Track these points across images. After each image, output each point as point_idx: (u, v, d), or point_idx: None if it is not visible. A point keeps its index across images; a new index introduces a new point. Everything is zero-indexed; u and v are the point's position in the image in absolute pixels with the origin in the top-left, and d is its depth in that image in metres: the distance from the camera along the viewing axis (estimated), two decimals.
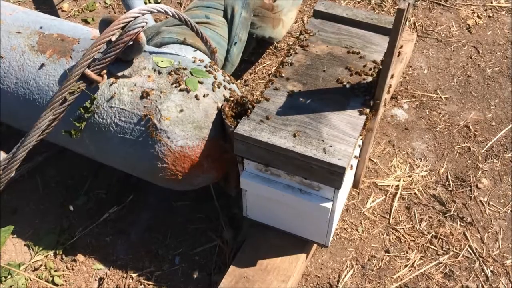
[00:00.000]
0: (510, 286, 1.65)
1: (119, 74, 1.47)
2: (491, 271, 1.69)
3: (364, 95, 1.44)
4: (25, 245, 1.79)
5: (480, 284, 1.66)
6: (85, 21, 2.66)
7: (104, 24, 1.40)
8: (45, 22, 1.67)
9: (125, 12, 2.57)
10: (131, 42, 1.39)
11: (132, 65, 1.48)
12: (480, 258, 1.72)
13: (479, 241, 1.77)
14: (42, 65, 1.54)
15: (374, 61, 1.54)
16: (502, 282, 1.66)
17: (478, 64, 2.37)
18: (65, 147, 1.69)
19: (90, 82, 1.40)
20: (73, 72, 1.36)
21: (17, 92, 1.57)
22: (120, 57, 1.43)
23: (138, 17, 1.37)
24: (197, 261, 1.74)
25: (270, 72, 2.35)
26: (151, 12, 1.42)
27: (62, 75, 1.52)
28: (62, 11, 2.74)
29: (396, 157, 2.02)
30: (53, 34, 1.61)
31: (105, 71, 1.43)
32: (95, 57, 1.39)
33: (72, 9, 2.73)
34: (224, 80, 1.55)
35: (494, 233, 1.78)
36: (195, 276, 1.69)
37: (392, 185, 1.92)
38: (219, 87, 1.51)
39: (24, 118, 1.61)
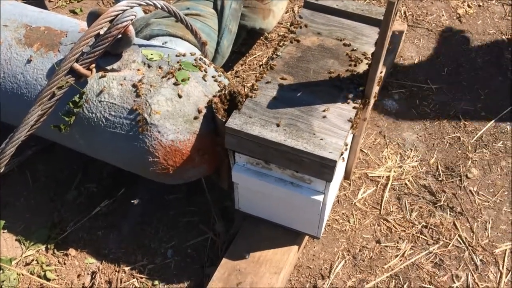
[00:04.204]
0: (499, 275, 1.68)
1: (108, 67, 1.45)
2: (481, 260, 1.71)
3: (355, 87, 1.44)
4: (16, 240, 1.78)
5: (470, 273, 1.68)
6: (73, 12, 2.62)
7: (92, 17, 1.38)
8: (32, 14, 1.64)
9: (113, 3, 2.54)
10: (120, 36, 1.37)
11: (121, 58, 1.46)
12: (469, 247, 1.74)
13: (468, 230, 1.79)
14: (30, 58, 1.52)
15: (365, 53, 1.53)
16: (491, 271, 1.69)
17: (468, 54, 2.37)
18: (55, 142, 1.68)
19: (79, 76, 1.39)
20: (61, 67, 1.35)
21: (4, 87, 1.54)
22: (109, 50, 1.42)
23: (126, 10, 1.35)
24: (190, 254, 1.74)
25: (261, 63, 2.34)
26: (140, 5, 1.40)
27: (50, 69, 1.50)
28: (50, 1, 2.69)
29: (387, 147, 2.03)
30: (40, 27, 1.58)
31: (94, 65, 1.42)
32: (83, 50, 1.37)
33: (59, 0, 2.69)
34: (214, 73, 1.54)
35: (483, 223, 1.81)
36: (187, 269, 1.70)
37: (383, 176, 1.93)
38: (209, 80, 1.50)
39: (12, 113, 1.59)
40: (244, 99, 1.40)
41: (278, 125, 1.33)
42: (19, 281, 1.67)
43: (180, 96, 1.43)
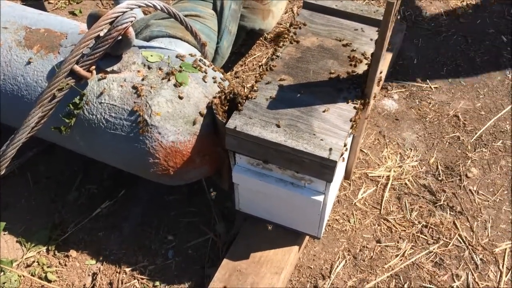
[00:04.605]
0: (499, 274, 1.68)
1: (109, 69, 1.45)
2: (481, 259, 1.72)
3: (354, 87, 1.45)
4: (17, 241, 1.78)
5: (470, 272, 1.69)
6: (72, 13, 2.63)
7: (92, 19, 1.38)
8: (32, 16, 1.64)
9: (112, 5, 2.54)
10: (120, 37, 1.37)
11: (121, 60, 1.46)
12: (469, 247, 1.75)
13: (468, 229, 1.79)
14: (30, 61, 1.52)
15: (364, 53, 1.54)
16: (491, 270, 1.69)
17: (467, 53, 2.38)
18: (56, 143, 1.68)
19: (79, 78, 1.39)
20: (61, 69, 1.35)
21: (5, 89, 1.54)
22: (109, 52, 1.42)
23: (126, 11, 1.35)
24: (190, 255, 1.74)
25: (260, 63, 2.34)
26: (140, 6, 1.41)
27: (50, 71, 1.50)
28: (49, 3, 2.70)
29: (386, 147, 2.03)
30: (40, 29, 1.59)
31: (94, 67, 1.42)
32: (83, 52, 1.37)
33: (59, 1, 2.69)
34: (214, 74, 1.55)
35: (483, 222, 1.81)
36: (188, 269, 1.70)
37: (383, 176, 1.94)
38: (209, 81, 1.51)
39: (12, 115, 1.59)
40: (244, 100, 1.40)
41: (278, 126, 1.34)
42: (20, 282, 1.67)
43: (180, 98, 1.44)
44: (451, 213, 1.83)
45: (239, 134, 1.34)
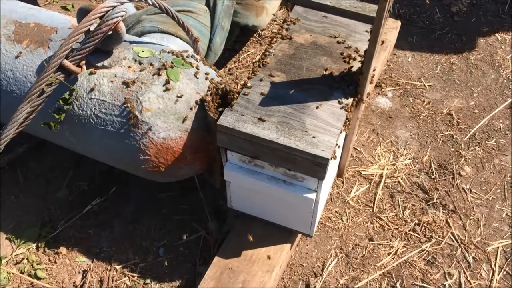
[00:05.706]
0: (491, 273, 1.68)
1: (99, 64, 1.44)
2: (473, 258, 1.71)
3: (347, 85, 1.44)
4: (6, 238, 1.76)
5: (462, 271, 1.68)
6: (64, 8, 2.60)
7: (82, 13, 1.36)
8: (22, 11, 1.62)
9: (104, 1, 2.52)
10: (110, 32, 1.36)
11: (112, 55, 1.45)
12: (462, 245, 1.74)
13: (461, 228, 1.79)
14: (19, 55, 1.50)
15: (358, 51, 1.53)
16: (483, 269, 1.69)
17: (462, 52, 2.38)
18: (45, 139, 1.66)
19: (69, 73, 1.37)
20: (50, 63, 1.33)
21: None
22: (100, 47, 1.40)
23: (117, 6, 1.33)
24: (182, 253, 1.73)
25: (254, 60, 2.33)
26: (131, 1, 1.39)
27: (39, 65, 1.48)
28: None
29: (380, 145, 2.02)
30: (30, 24, 1.56)
31: (84, 62, 1.40)
32: (73, 47, 1.35)
33: None
34: (206, 70, 1.53)
35: (476, 220, 1.81)
36: (179, 267, 1.69)
37: (376, 174, 1.93)
38: (201, 78, 1.49)
39: (1, 110, 1.57)
40: (236, 97, 1.39)
41: (261, 120, 1.32)
42: (9, 280, 1.66)
43: (171, 94, 1.42)
44: (444, 211, 1.83)
45: (231, 131, 1.32)
